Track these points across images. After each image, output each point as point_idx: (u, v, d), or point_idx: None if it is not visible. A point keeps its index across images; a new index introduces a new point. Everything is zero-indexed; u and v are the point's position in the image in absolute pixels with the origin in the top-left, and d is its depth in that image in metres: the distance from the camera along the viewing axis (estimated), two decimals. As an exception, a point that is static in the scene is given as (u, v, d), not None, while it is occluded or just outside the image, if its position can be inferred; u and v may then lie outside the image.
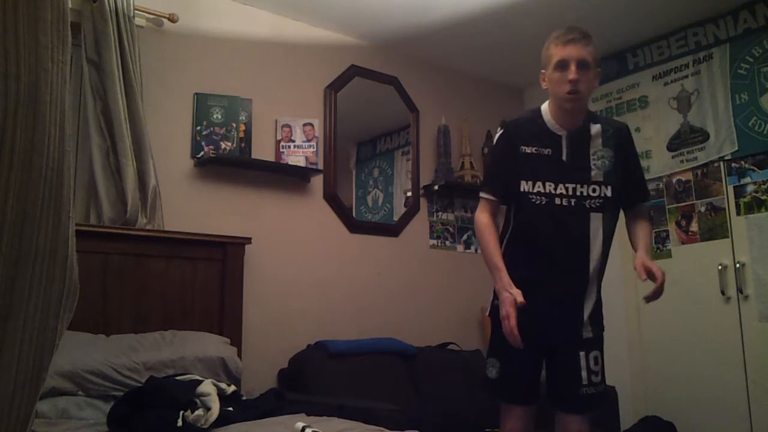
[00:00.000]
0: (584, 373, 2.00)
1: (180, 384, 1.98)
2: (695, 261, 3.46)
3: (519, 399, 2.10)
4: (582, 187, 2.00)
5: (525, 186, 2.02)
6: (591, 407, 2.03)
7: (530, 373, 2.08)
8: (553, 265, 2.02)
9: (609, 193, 2.01)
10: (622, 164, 2.05)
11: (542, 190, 2.01)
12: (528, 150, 2.03)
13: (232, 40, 3.20)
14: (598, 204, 2.00)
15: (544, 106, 2.09)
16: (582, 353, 2.01)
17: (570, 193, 2.00)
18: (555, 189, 2.00)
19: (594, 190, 2.00)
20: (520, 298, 1.90)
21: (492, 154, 2.27)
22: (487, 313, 2.17)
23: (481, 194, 2.14)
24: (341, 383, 2.86)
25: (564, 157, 2.02)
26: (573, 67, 1.94)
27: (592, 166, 2.01)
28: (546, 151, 2.02)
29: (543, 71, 2.06)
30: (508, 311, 1.91)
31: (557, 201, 2.00)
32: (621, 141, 2.06)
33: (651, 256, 2.01)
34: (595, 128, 2.05)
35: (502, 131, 2.12)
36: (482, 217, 2.10)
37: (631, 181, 2.08)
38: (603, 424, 3.22)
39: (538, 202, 2.01)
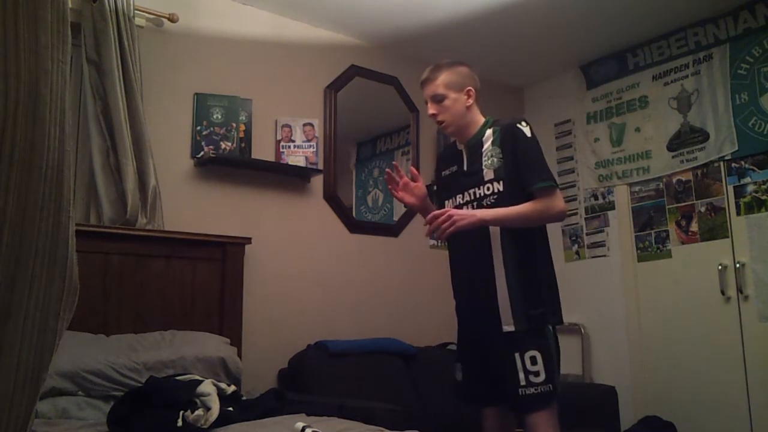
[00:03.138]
0: (521, 374, 2.00)
1: (180, 384, 1.98)
2: (695, 261, 3.46)
3: (481, 400, 2.20)
4: (479, 189, 2.15)
5: (447, 204, 2.27)
6: (534, 407, 2.01)
7: (487, 375, 2.14)
8: (464, 265, 2.18)
9: (501, 188, 2.10)
10: (510, 157, 2.10)
11: (456, 204, 2.21)
12: (446, 172, 2.31)
13: (232, 40, 3.20)
14: (493, 200, 2.11)
15: None
16: (517, 354, 2.02)
17: (471, 198, 2.17)
18: (462, 198, 2.20)
19: (488, 189, 2.13)
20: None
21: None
22: None
23: None
24: (341, 383, 2.86)
25: (465, 168, 2.22)
26: (429, 104, 2.21)
27: (484, 167, 2.15)
28: (454, 168, 2.26)
29: None
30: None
31: (464, 209, 2.15)
32: (506, 136, 2.13)
33: (484, 217, 2.02)
34: (488, 133, 2.19)
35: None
36: None
37: (519, 171, 2.09)
38: (603, 424, 3.22)
39: None
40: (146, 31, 2.90)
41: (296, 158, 3.27)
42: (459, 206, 2.18)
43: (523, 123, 2.13)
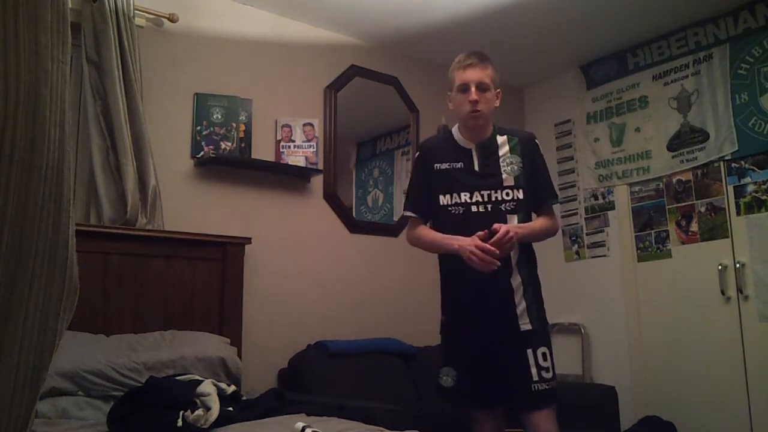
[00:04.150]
0: (534, 370, 2.06)
1: (180, 384, 1.98)
2: (695, 261, 3.46)
3: (478, 403, 2.19)
4: (496, 192, 2.14)
5: (443, 200, 2.18)
6: (545, 403, 2.05)
7: (484, 377, 2.14)
8: (484, 272, 2.10)
9: (521, 196, 2.15)
10: (530, 169, 2.19)
11: (459, 201, 2.16)
12: (442, 166, 2.21)
13: (232, 40, 3.20)
14: (512, 206, 2.14)
15: (455, 128, 2.28)
16: (529, 350, 2.08)
17: (485, 199, 2.14)
18: (470, 198, 2.15)
19: (507, 194, 2.14)
20: (477, 236, 2.01)
21: (411, 175, 2.42)
22: (439, 332, 2.29)
23: (405, 213, 2.33)
24: (341, 383, 2.86)
25: (476, 168, 2.18)
26: (473, 89, 2.14)
27: (503, 172, 2.16)
28: (458, 165, 2.20)
29: (449, 93, 2.25)
30: (472, 250, 2.00)
31: (473, 209, 2.14)
32: (527, 148, 2.21)
33: (522, 234, 2.08)
34: (502, 138, 2.22)
35: (418, 153, 2.33)
36: (410, 233, 2.31)
37: (537, 184, 2.21)
38: (603, 424, 3.22)
39: (455, 212, 2.16)
40: (146, 31, 2.90)
41: (296, 158, 3.27)
42: (464, 204, 2.15)
43: (537, 139, 2.27)
